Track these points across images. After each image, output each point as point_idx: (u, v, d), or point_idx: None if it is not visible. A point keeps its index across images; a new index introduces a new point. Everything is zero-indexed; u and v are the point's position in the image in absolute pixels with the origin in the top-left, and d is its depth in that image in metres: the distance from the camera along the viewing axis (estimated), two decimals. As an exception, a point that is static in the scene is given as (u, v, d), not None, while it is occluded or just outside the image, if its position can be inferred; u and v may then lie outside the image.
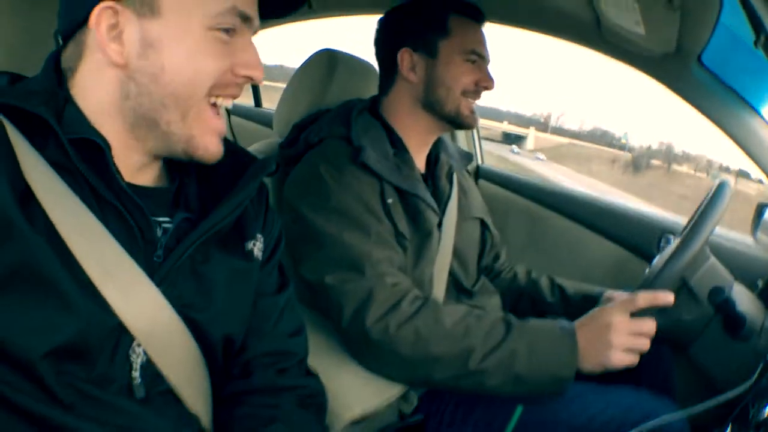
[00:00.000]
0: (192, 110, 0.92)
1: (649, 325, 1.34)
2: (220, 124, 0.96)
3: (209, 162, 0.97)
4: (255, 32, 0.98)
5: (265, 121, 3.45)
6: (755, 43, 1.14)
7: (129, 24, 0.88)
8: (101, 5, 0.87)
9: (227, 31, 0.92)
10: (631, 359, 1.34)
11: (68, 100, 0.91)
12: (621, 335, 1.33)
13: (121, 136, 0.92)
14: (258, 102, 4.03)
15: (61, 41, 0.95)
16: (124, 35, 0.88)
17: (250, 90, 4.06)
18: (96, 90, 0.92)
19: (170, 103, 0.90)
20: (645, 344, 1.34)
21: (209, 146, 0.95)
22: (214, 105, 0.95)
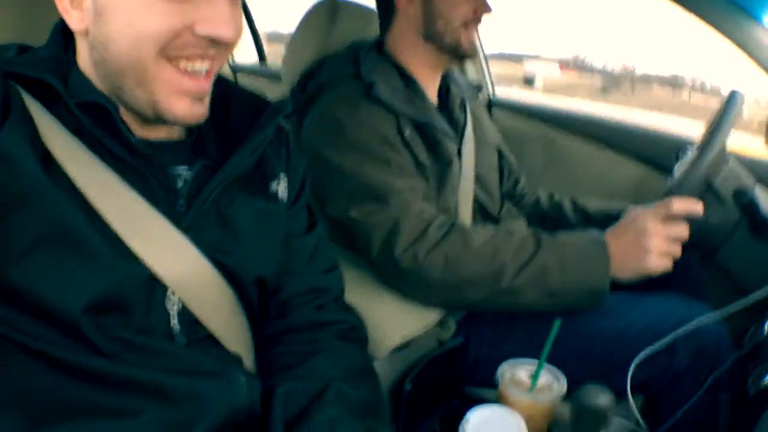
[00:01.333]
0: (146, 76, 0.86)
1: (683, 230, 1.34)
2: (189, 84, 0.89)
3: (187, 124, 0.94)
4: None
5: (272, 76, 3.45)
6: None
7: None
8: None
9: None
10: (667, 264, 1.35)
11: (73, 65, 0.91)
12: (657, 240, 1.33)
13: (115, 97, 0.91)
14: (262, 58, 4.02)
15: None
16: (84, 2, 0.86)
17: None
18: (81, 56, 0.92)
19: (122, 71, 0.86)
20: (678, 249, 1.35)
21: (175, 109, 0.89)
22: (183, 69, 0.88)
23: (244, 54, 4.20)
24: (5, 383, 0.83)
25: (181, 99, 0.89)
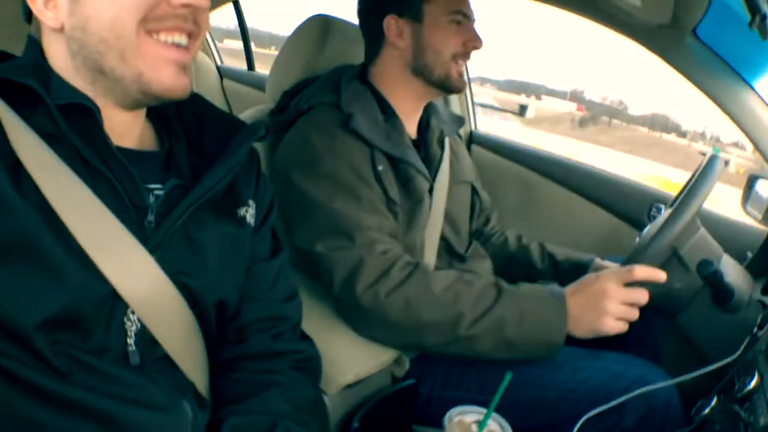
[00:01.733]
0: (128, 50, 0.88)
1: (642, 295, 1.35)
2: (171, 54, 0.92)
3: (176, 97, 0.94)
4: None
5: (259, 84, 3.44)
6: (750, 23, 1.14)
7: None
8: None
9: None
10: (622, 327, 1.36)
11: (51, 71, 0.92)
12: (615, 303, 1.34)
13: (94, 96, 0.92)
14: (251, 65, 4.01)
15: (27, 25, 0.96)
16: (58, 0, 0.88)
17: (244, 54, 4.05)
18: (56, 58, 0.93)
19: (104, 49, 0.88)
20: (635, 314, 1.36)
21: (162, 78, 0.91)
22: (164, 42, 0.91)
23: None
24: None
25: (167, 68, 0.91)
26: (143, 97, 0.93)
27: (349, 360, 1.32)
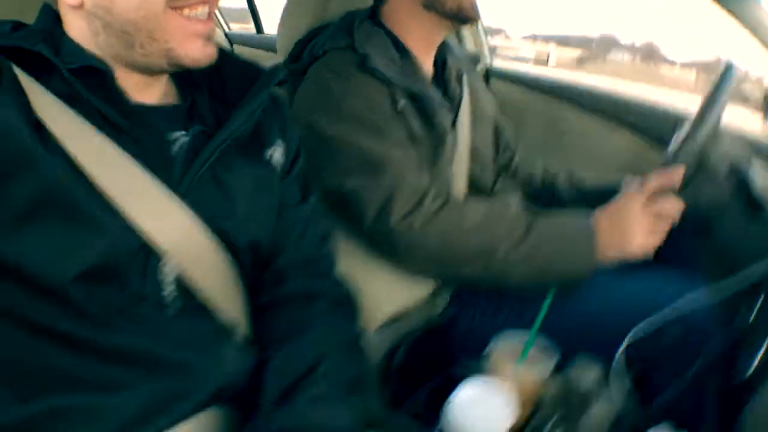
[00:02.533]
0: (158, 27, 0.91)
1: (671, 205, 1.35)
2: (198, 27, 0.94)
3: (203, 66, 0.97)
4: None
5: (269, 46, 3.43)
6: None
7: None
8: None
9: None
10: (654, 243, 1.36)
11: (64, 35, 0.93)
12: (640, 219, 1.35)
13: (113, 63, 0.93)
14: (259, 28, 4.00)
15: None
16: None
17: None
18: (75, 30, 0.94)
19: (131, 29, 0.90)
20: (665, 227, 1.36)
21: (191, 52, 0.94)
22: (188, 17, 0.93)
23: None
24: None
25: (194, 41, 0.94)
26: (171, 68, 0.96)
27: (387, 296, 1.33)
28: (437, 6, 1.54)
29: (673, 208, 1.35)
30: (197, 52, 0.94)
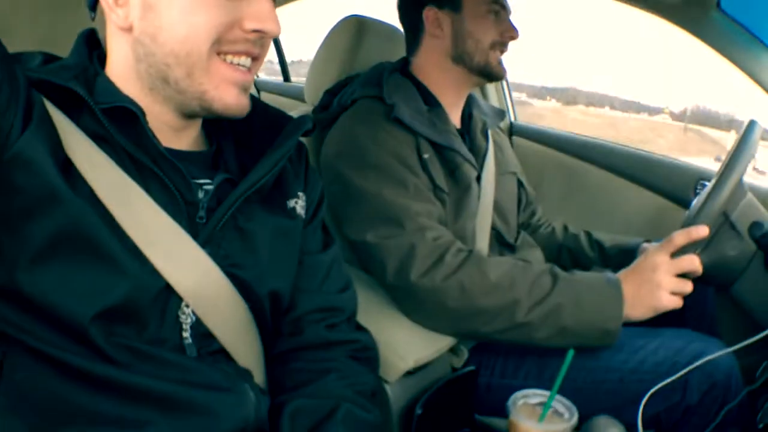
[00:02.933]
0: (196, 67, 0.90)
1: (692, 261, 1.34)
2: (237, 75, 0.94)
3: (234, 116, 0.97)
4: None
5: (296, 95, 3.48)
6: None
7: None
8: None
9: None
10: (677, 301, 1.34)
11: (99, 73, 0.94)
12: (666, 276, 1.34)
13: (147, 99, 0.94)
14: (286, 77, 4.06)
15: (91, 14, 0.97)
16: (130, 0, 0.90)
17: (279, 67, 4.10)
18: (115, 56, 0.95)
19: (172, 62, 0.90)
20: (689, 285, 1.35)
21: (225, 98, 0.93)
22: (230, 63, 0.94)
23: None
24: (12, 385, 0.83)
25: (230, 88, 0.94)
26: (202, 111, 0.95)
27: (408, 346, 1.31)
28: (466, 60, 1.58)
29: (692, 263, 1.34)
30: (231, 100, 0.94)
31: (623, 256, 1.70)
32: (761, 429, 1.17)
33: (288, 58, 4.02)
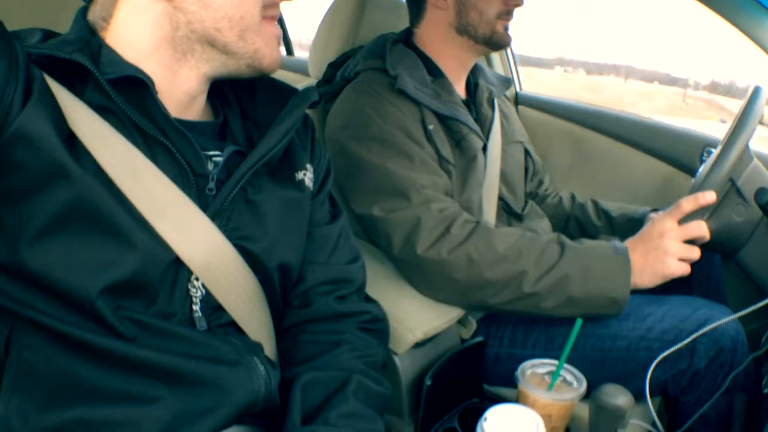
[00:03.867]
0: (250, 29, 0.93)
1: (699, 227, 1.35)
2: (277, 30, 0.98)
3: (275, 70, 1.00)
4: None
5: (300, 68, 3.45)
6: None
7: None
8: None
9: None
10: (685, 268, 1.35)
11: (102, 45, 0.91)
12: (674, 242, 1.34)
13: (166, 72, 0.93)
14: (290, 50, 4.03)
15: None
16: None
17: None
18: (138, 31, 0.91)
19: (224, 26, 0.91)
20: (696, 251, 1.35)
21: (274, 53, 0.97)
22: (271, 17, 0.97)
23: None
24: (18, 361, 0.83)
25: (275, 44, 0.98)
26: (249, 70, 0.97)
27: (417, 318, 1.32)
28: (470, 31, 1.57)
29: (700, 230, 1.35)
30: (276, 54, 0.98)
31: (630, 225, 1.70)
32: (766, 394, 1.18)
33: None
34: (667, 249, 1.34)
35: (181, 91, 0.95)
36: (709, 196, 1.34)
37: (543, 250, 1.37)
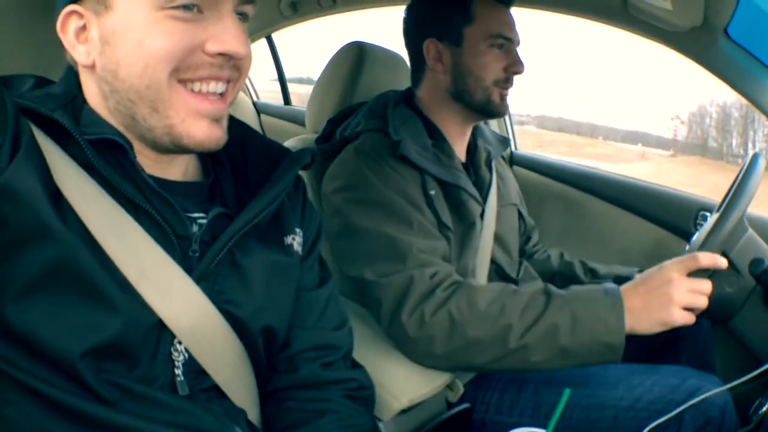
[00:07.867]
0: (159, 100, 0.85)
1: (707, 285, 1.28)
2: (205, 105, 0.88)
3: (208, 150, 0.91)
4: (244, 2, 0.90)
5: (296, 118, 3.48)
6: None
7: (90, 24, 0.86)
8: (64, 11, 0.87)
9: (188, 7, 0.84)
10: (689, 317, 1.27)
11: (85, 103, 0.91)
12: (681, 291, 1.26)
13: (127, 134, 0.90)
14: (287, 100, 4.06)
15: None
16: (89, 35, 0.87)
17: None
18: (90, 94, 0.91)
19: (135, 98, 0.86)
20: (703, 302, 1.27)
21: (192, 132, 0.88)
22: (198, 92, 0.88)
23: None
24: (2, 419, 0.81)
25: (199, 121, 0.88)
26: (174, 148, 0.90)
27: (403, 385, 1.30)
28: (465, 97, 1.56)
29: (707, 287, 1.28)
30: (200, 133, 0.88)
31: (618, 283, 1.68)
32: None
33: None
34: (672, 297, 1.25)
35: (154, 153, 0.93)
36: (723, 262, 1.28)
37: (528, 302, 1.31)
